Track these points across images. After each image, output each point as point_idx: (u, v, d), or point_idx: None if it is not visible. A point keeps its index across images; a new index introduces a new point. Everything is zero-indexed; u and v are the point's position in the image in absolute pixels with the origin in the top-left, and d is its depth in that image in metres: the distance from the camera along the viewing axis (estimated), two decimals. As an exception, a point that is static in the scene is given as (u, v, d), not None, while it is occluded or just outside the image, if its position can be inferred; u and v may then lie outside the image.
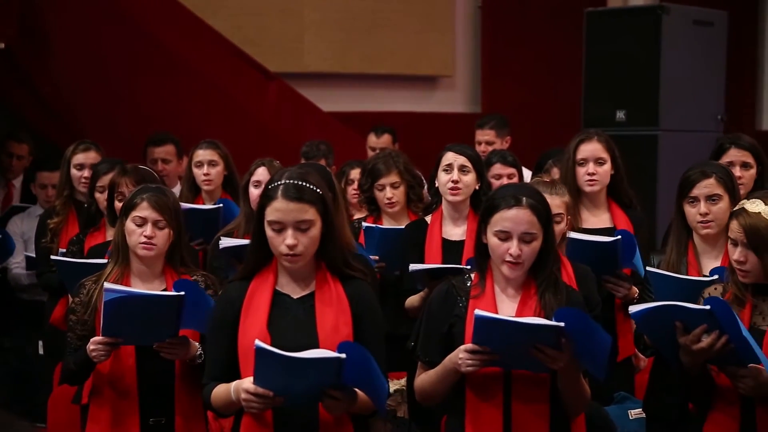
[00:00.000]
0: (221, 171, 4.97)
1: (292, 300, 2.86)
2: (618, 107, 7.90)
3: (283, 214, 2.79)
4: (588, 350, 2.78)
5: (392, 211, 4.56)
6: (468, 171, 4.02)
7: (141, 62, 7.06)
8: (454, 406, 2.94)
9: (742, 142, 4.15)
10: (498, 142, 6.37)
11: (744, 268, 2.90)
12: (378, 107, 8.74)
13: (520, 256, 2.87)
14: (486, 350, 2.79)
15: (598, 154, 4.18)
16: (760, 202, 2.92)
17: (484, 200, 3.08)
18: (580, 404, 2.95)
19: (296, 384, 2.67)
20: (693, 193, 3.52)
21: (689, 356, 2.81)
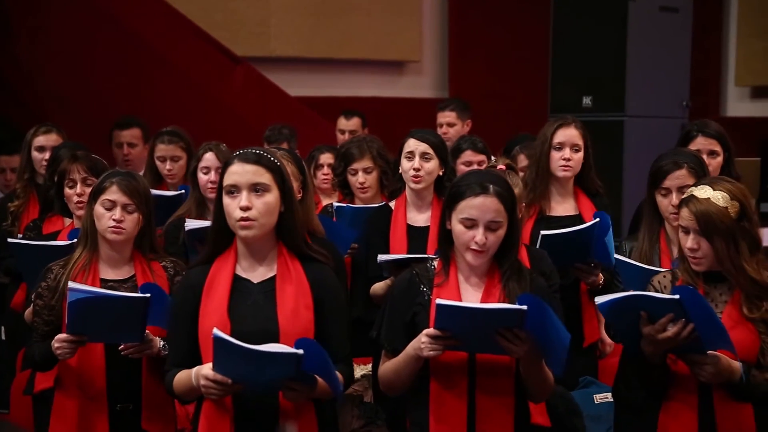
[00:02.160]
0: (184, 164, 4.93)
1: (253, 285, 2.85)
2: (584, 93, 7.96)
3: (238, 176, 2.78)
4: (547, 341, 2.78)
5: (364, 196, 4.54)
6: (430, 158, 4.01)
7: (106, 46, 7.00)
8: (418, 394, 2.93)
9: (709, 130, 4.16)
10: (459, 125, 6.41)
11: (697, 255, 2.90)
12: (345, 92, 8.71)
13: (486, 244, 2.86)
14: (448, 335, 2.79)
15: (575, 141, 4.19)
16: (708, 187, 2.91)
17: (448, 187, 3.07)
18: (543, 390, 2.96)
19: (255, 374, 2.67)
20: (665, 184, 3.52)
21: (653, 345, 2.81)
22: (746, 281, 2.86)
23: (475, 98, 7.13)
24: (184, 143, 4.95)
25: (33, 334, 3.37)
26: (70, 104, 6.84)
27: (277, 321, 2.78)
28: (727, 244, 2.85)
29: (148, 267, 3.38)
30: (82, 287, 3.12)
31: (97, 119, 6.18)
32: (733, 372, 2.78)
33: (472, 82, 9.12)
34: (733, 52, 8.99)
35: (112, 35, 6.99)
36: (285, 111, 7.87)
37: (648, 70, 7.87)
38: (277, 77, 8.13)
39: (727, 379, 2.79)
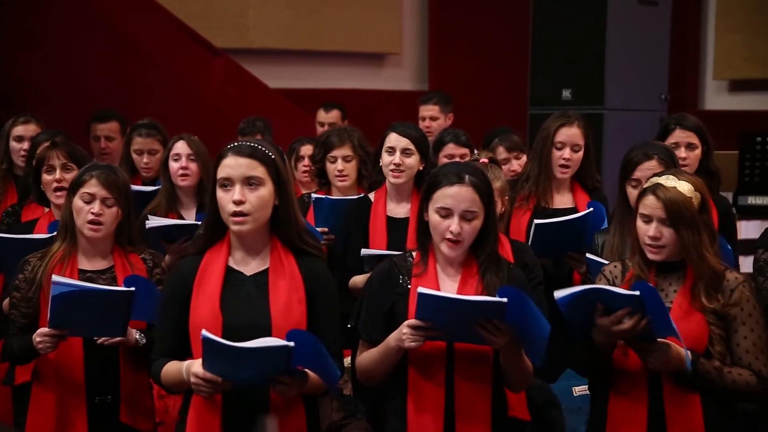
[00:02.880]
0: (160, 157, 4.91)
1: (246, 277, 2.84)
2: (564, 86, 7.98)
3: (232, 169, 2.77)
4: (527, 332, 2.79)
5: (342, 185, 4.54)
6: (411, 153, 4.00)
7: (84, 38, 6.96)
8: (396, 384, 2.94)
9: (687, 123, 4.18)
10: (441, 118, 6.42)
11: (659, 243, 2.91)
12: (325, 84, 8.70)
13: (461, 234, 2.87)
14: (429, 326, 2.79)
15: (576, 141, 4.20)
16: (673, 177, 2.93)
17: (427, 178, 3.07)
18: (522, 381, 2.97)
19: (245, 371, 2.66)
20: (635, 175, 3.55)
21: (606, 336, 2.82)
22: (707, 270, 2.89)
23: (455, 91, 7.12)
24: (162, 136, 4.93)
25: (10, 327, 3.35)
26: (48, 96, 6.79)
27: (269, 314, 2.77)
28: (693, 234, 2.87)
29: (126, 259, 3.37)
30: (66, 281, 3.11)
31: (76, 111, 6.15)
32: (681, 359, 2.80)
33: (451, 74, 9.12)
34: (712, 46, 9.03)
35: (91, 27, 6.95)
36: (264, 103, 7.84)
37: (627, 63, 7.90)
38: (256, 69, 8.11)
39: (676, 367, 2.81)
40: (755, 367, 2.87)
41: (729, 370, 2.86)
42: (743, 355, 2.88)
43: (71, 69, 6.86)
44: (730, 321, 2.89)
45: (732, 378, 2.85)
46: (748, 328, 2.89)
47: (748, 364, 2.88)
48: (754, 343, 2.88)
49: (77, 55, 6.89)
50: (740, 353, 2.88)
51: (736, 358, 2.88)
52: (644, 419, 2.88)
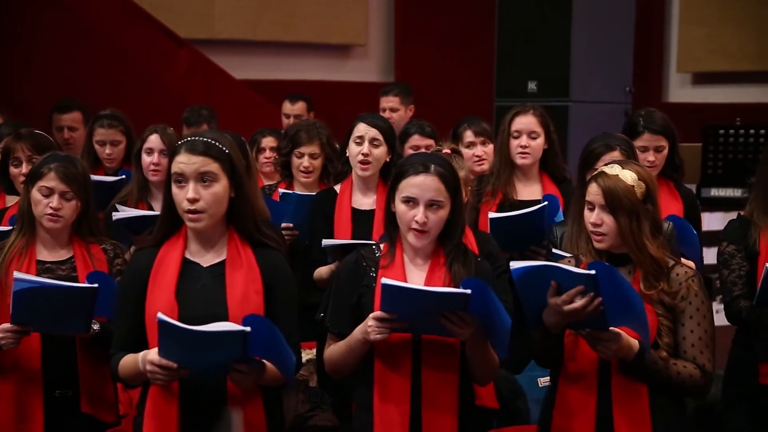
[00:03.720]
0: (123, 148, 4.87)
1: (202, 268, 2.82)
2: (529, 78, 8.03)
3: (185, 165, 2.75)
4: (491, 324, 2.79)
5: (305, 180, 4.53)
6: (379, 144, 3.99)
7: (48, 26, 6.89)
8: (363, 376, 2.94)
9: (655, 126, 4.17)
10: (402, 110, 6.43)
11: (600, 230, 2.91)
12: (291, 75, 8.67)
13: (426, 224, 2.87)
14: (394, 317, 2.80)
15: (531, 128, 4.21)
16: (617, 166, 2.94)
17: (393, 168, 3.07)
18: (488, 373, 2.98)
19: (201, 357, 2.64)
20: (597, 166, 3.56)
21: (557, 317, 2.81)
22: (647, 258, 2.90)
23: (421, 82, 7.14)
24: (124, 127, 4.89)
25: None
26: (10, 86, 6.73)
27: (226, 305, 2.76)
28: (630, 221, 2.88)
29: (87, 250, 3.34)
30: (28, 277, 3.07)
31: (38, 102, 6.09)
32: (630, 348, 2.81)
33: (417, 66, 9.13)
34: (675, 39, 9.10)
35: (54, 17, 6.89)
36: (229, 94, 7.82)
37: (592, 55, 7.96)
38: (221, 60, 8.08)
39: (625, 355, 2.82)
40: (699, 361, 2.89)
41: (674, 362, 2.88)
42: (688, 348, 2.90)
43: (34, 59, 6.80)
44: (678, 314, 2.91)
45: (677, 370, 2.87)
46: (694, 322, 2.90)
47: (693, 358, 2.89)
48: (700, 338, 2.90)
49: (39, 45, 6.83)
50: (686, 347, 2.90)
51: (682, 352, 2.90)
52: (593, 407, 2.89)
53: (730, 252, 3.68)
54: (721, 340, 3.01)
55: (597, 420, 2.88)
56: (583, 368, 2.91)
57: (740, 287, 3.62)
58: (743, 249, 3.66)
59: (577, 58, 7.93)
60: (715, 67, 8.81)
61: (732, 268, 3.66)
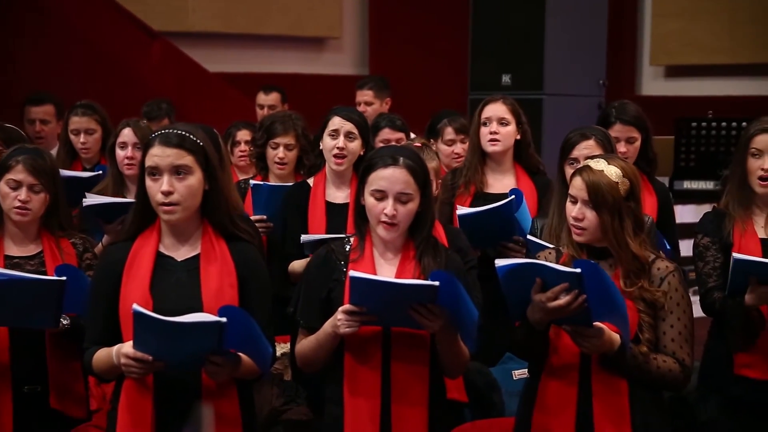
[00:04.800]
0: (99, 138, 4.85)
1: (176, 262, 2.81)
2: (504, 71, 8.05)
3: (159, 158, 2.74)
4: (459, 316, 2.80)
5: (280, 172, 4.52)
6: (354, 138, 3.98)
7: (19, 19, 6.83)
8: (333, 369, 2.93)
9: (627, 117, 4.19)
10: (377, 104, 6.41)
11: (581, 225, 2.92)
12: (265, 68, 8.65)
13: (396, 216, 2.87)
14: (363, 310, 2.79)
15: (501, 115, 4.21)
16: (603, 161, 2.94)
17: (363, 162, 3.07)
18: (458, 366, 2.98)
19: (176, 349, 2.63)
20: (573, 154, 3.59)
21: (541, 313, 2.81)
22: (628, 256, 2.91)
23: (396, 75, 7.13)
24: (99, 117, 4.87)
25: None
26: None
27: (200, 299, 2.75)
28: (613, 218, 2.88)
29: (56, 244, 3.32)
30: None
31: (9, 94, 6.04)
32: (612, 343, 2.83)
33: (392, 59, 9.13)
34: (648, 33, 9.14)
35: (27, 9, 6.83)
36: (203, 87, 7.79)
37: (565, 49, 7.99)
38: (195, 53, 8.04)
39: (607, 350, 2.83)
40: (679, 355, 2.91)
41: (654, 356, 2.89)
42: (668, 343, 2.92)
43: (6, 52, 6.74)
44: (658, 309, 2.92)
45: (657, 364, 2.88)
46: (674, 317, 2.92)
47: (673, 353, 2.91)
48: (680, 332, 2.92)
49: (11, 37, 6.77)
50: (666, 341, 2.92)
51: (662, 346, 2.92)
52: (574, 401, 2.90)
53: (705, 244, 3.70)
54: (697, 332, 3.03)
55: (577, 415, 2.90)
56: (566, 362, 2.93)
57: (715, 279, 3.64)
58: (718, 241, 3.67)
59: (550, 52, 7.96)
60: (688, 60, 8.86)
61: (707, 260, 3.68)
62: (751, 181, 3.63)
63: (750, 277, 3.43)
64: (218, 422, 2.76)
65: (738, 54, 8.52)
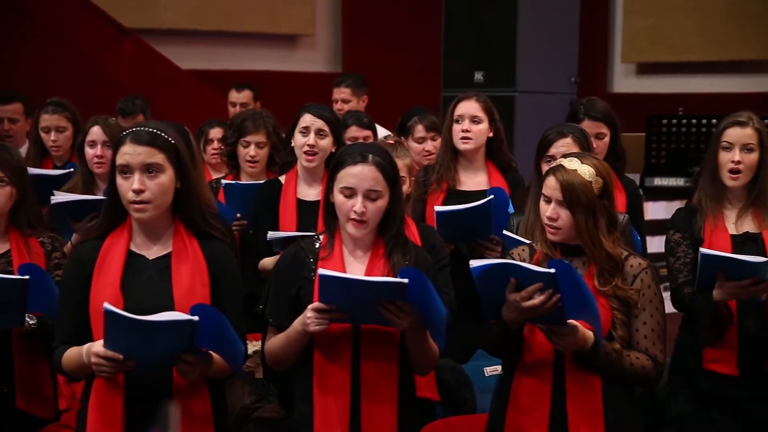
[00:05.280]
0: (70, 135, 4.82)
1: (148, 261, 2.80)
2: (476, 68, 8.07)
3: (130, 157, 2.73)
4: (428, 314, 2.80)
5: (252, 170, 4.51)
6: (325, 135, 3.98)
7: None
8: (303, 367, 2.93)
9: (595, 113, 4.22)
10: (354, 101, 6.41)
11: (555, 224, 2.93)
12: (237, 66, 8.62)
13: (365, 214, 2.87)
14: (333, 308, 2.79)
15: (473, 113, 4.21)
16: (576, 160, 2.94)
17: (333, 159, 3.07)
18: (428, 363, 2.98)
19: (148, 348, 2.62)
20: (550, 152, 3.60)
21: (515, 312, 2.83)
22: (602, 255, 2.92)
23: (369, 73, 7.12)
24: (70, 114, 4.84)
25: None
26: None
27: (172, 297, 2.74)
28: (587, 218, 2.89)
29: (24, 243, 3.29)
30: None
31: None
32: (586, 340, 2.84)
33: (365, 56, 9.12)
34: (620, 30, 9.19)
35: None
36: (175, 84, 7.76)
37: (538, 46, 8.02)
38: (167, 50, 8.01)
39: (581, 347, 2.85)
40: (652, 352, 2.93)
41: (628, 353, 2.91)
42: (641, 340, 2.93)
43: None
44: (631, 306, 2.94)
45: (630, 361, 2.90)
46: (647, 314, 2.94)
47: (646, 349, 2.93)
48: (653, 329, 2.94)
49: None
50: (639, 338, 2.94)
51: (635, 343, 2.93)
52: (547, 399, 2.91)
53: (676, 240, 3.73)
54: (669, 328, 3.05)
55: (551, 413, 2.91)
56: (540, 360, 2.93)
57: (685, 274, 3.66)
58: (689, 237, 3.70)
59: (523, 49, 7.99)
60: (659, 58, 8.91)
61: (678, 255, 3.71)
62: (722, 174, 3.66)
63: (717, 273, 3.46)
64: (190, 421, 2.75)
65: (708, 51, 8.57)
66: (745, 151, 3.63)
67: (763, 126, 3.69)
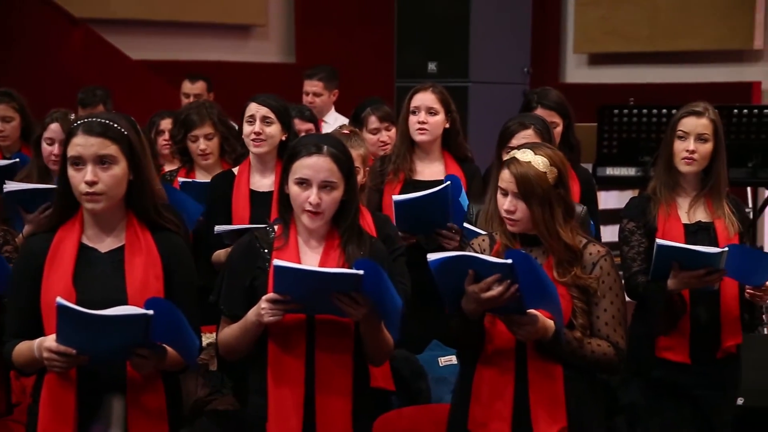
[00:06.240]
0: (17, 125, 4.76)
1: (100, 254, 2.77)
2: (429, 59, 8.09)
3: (83, 148, 2.70)
4: (383, 305, 2.80)
5: (206, 162, 4.49)
6: (271, 122, 3.98)
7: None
8: (257, 358, 2.92)
9: (548, 101, 4.25)
10: (326, 95, 6.39)
11: (513, 217, 2.94)
12: (190, 56, 8.56)
13: (320, 205, 2.86)
14: (287, 299, 2.79)
15: (429, 104, 4.22)
16: (530, 151, 2.95)
17: (287, 150, 3.06)
18: (382, 354, 2.98)
19: (101, 342, 2.60)
20: (512, 143, 3.60)
21: (475, 304, 2.84)
22: (559, 246, 2.93)
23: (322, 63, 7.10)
24: (17, 104, 4.80)
25: None
26: None
27: (125, 291, 2.72)
28: (543, 209, 2.91)
29: (-26, 236, 3.25)
30: None
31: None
32: (547, 330, 2.86)
33: (318, 47, 9.09)
34: (571, 21, 9.23)
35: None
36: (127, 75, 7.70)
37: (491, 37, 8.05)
38: (117, 40, 7.93)
39: (542, 336, 2.87)
40: (613, 339, 2.95)
41: (589, 341, 2.93)
42: (602, 327, 2.95)
43: None
44: (591, 294, 2.96)
45: (591, 349, 2.92)
46: (607, 301, 2.96)
47: (607, 336, 2.95)
48: (613, 316, 2.96)
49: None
50: (599, 325, 2.95)
51: (596, 330, 2.95)
52: (511, 388, 2.92)
53: (630, 229, 3.77)
54: (626, 316, 3.08)
55: (514, 403, 2.91)
56: (501, 350, 2.94)
57: (639, 263, 3.71)
58: (643, 226, 3.74)
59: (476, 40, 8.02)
60: (610, 48, 8.97)
61: (632, 244, 3.75)
62: (677, 161, 3.71)
63: (672, 263, 3.50)
64: (144, 415, 2.73)
65: (657, 42, 8.64)
66: (699, 141, 3.68)
67: (718, 117, 3.74)
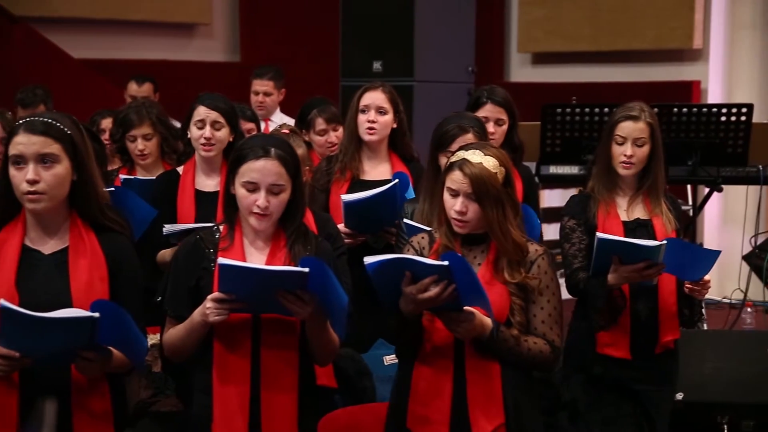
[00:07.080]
0: None
1: (44, 256, 2.75)
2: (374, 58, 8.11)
3: (24, 146, 2.67)
4: (329, 303, 2.82)
5: (144, 162, 4.47)
6: (221, 126, 3.96)
7: None
8: (202, 358, 2.92)
9: (497, 98, 4.28)
10: (275, 94, 6.38)
11: (464, 218, 2.96)
12: (133, 55, 8.49)
13: (268, 208, 2.87)
14: (232, 298, 2.79)
15: (379, 103, 4.22)
16: (479, 152, 2.97)
17: (233, 151, 3.06)
18: (328, 353, 2.99)
19: (46, 345, 2.58)
20: (453, 148, 3.60)
21: (412, 305, 2.86)
22: (511, 245, 2.97)
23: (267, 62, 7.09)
24: None
25: None
26: None
27: (69, 293, 2.70)
28: (497, 210, 2.94)
29: None
30: None
31: None
32: (484, 327, 2.89)
33: (263, 46, 9.07)
34: (515, 20, 9.29)
35: None
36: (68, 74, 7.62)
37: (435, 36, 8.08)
38: (59, 39, 7.84)
39: (480, 333, 2.90)
40: (549, 336, 2.99)
41: (525, 338, 2.97)
42: (539, 325, 2.99)
43: None
44: (529, 292, 2.99)
45: (528, 346, 2.96)
46: (544, 300, 3.00)
47: (543, 334, 2.99)
48: (549, 314, 3.00)
49: None
50: (536, 323, 2.99)
51: (532, 328, 2.99)
52: (449, 387, 2.94)
53: (571, 226, 3.81)
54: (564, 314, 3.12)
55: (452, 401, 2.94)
56: (440, 349, 2.96)
57: (580, 260, 3.75)
58: (583, 223, 3.79)
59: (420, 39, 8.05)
60: (553, 48, 9.05)
61: (572, 241, 3.79)
62: (615, 164, 3.77)
63: (613, 257, 3.55)
64: (89, 417, 2.72)
65: (599, 41, 8.73)
66: (636, 146, 3.74)
67: (654, 118, 3.79)
